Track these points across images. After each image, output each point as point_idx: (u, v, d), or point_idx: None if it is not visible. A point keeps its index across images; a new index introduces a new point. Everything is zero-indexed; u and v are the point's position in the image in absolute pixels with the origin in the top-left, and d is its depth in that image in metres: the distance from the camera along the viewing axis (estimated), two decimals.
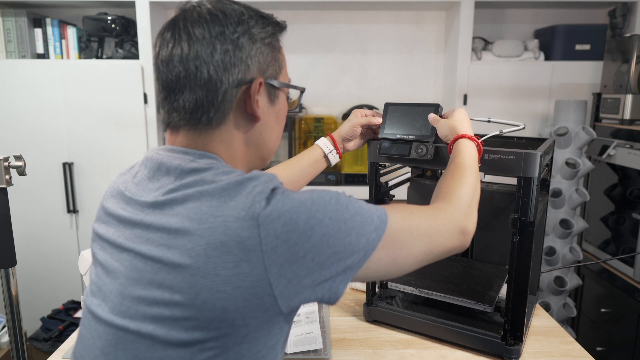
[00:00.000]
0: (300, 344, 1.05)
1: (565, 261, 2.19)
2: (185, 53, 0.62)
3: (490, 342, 1.01)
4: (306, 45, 2.64)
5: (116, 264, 0.63)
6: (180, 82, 0.63)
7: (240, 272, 0.55)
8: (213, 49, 0.62)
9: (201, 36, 0.62)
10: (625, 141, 2.01)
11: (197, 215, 0.57)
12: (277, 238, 0.55)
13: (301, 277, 0.57)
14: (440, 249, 0.72)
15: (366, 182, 1.12)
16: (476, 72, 2.38)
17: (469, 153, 0.87)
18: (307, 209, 0.58)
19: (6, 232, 1.12)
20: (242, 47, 0.63)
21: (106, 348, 0.60)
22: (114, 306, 0.61)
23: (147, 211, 0.62)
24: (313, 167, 1.10)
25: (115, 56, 2.37)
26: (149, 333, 0.57)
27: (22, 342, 1.19)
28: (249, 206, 0.56)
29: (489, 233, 1.24)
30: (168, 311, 0.56)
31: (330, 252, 0.58)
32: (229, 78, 0.63)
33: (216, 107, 0.64)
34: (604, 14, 2.57)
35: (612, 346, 2.05)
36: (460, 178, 0.81)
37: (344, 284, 0.61)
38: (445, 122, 0.95)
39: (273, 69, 0.69)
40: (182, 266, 0.56)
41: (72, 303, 2.36)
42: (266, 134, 0.71)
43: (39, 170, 2.33)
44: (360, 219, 0.61)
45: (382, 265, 0.65)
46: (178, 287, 0.56)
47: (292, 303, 0.59)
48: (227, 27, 0.63)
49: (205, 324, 0.56)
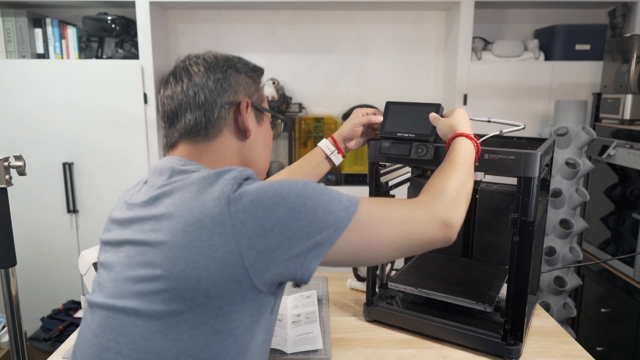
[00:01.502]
0: (300, 344, 1.05)
1: (565, 261, 2.19)
2: (186, 84, 0.76)
3: (490, 342, 1.01)
4: (306, 45, 2.64)
5: (114, 258, 0.69)
6: (182, 107, 0.76)
7: (213, 244, 0.61)
8: (207, 78, 0.76)
9: (198, 70, 0.77)
10: (625, 141, 2.01)
11: (180, 201, 0.65)
12: (246, 212, 0.61)
13: (270, 249, 0.61)
14: (418, 237, 0.72)
15: (366, 182, 1.12)
16: (476, 72, 2.38)
17: (463, 150, 0.88)
18: (274, 188, 0.64)
19: (6, 232, 1.12)
20: (230, 76, 0.78)
21: (97, 330, 0.66)
22: (107, 292, 0.67)
23: (142, 208, 0.69)
24: (316, 169, 1.11)
25: (115, 56, 2.37)
26: (133, 308, 0.63)
27: (22, 342, 1.19)
28: (222, 189, 0.63)
29: (489, 233, 1.24)
30: (151, 285, 0.62)
31: (297, 226, 0.62)
32: (221, 100, 0.76)
33: (212, 123, 0.76)
34: (604, 14, 2.57)
35: (612, 346, 2.05)
36: (448, 174, 0.82)
37: (316, 261, 0.64)
38: (445, 121, 0.96)
39: (257, 96, 0.83)
40: (163, 243, 0.63)
41: (72, 303, 2.36)
42: (255, 151, 0.82)
43: (39, 170, 2.33)
44: (327, 198, 0.66)
45: (355, 247, 0.67)
46: (159, 262, 0.62)
47: (265, 277, 0.62)
48: (217, 63, 0.78)
49: (182, 294, 0.61)
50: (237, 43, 2.64)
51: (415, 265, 1.26)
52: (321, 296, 1.32)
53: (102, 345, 0.64)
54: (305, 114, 2.67)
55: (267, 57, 2.65)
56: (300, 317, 1.16)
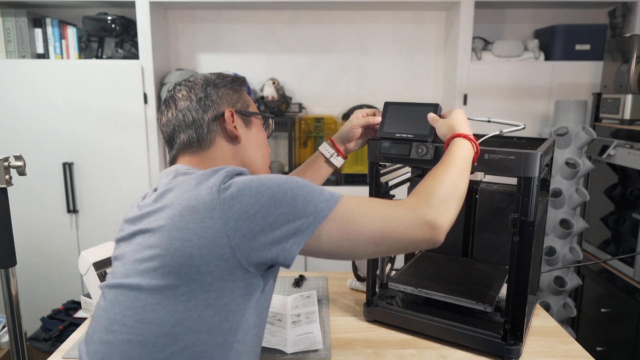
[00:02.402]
0: (300, 344, 1.05)
1: (565, 261, 2.19)
2: (175, 110, 0.87)
3: (490, 342, 1.01)
4: (306, 45, 2.64)
5: (126, 249, 0.76)
6: (176, 130, 0.87)
7: (205, 226, 0.68)
8: (190, 100, 0.86)
9: (182, 96, 0.87)
10: (625, 141, 2.01)
11: (179, 193, 0.73)
12: (233, 199, 0.69)
13: (254, 232, 0.69)
14: (399, 236, 0.74)
15: (366, 182, 1.12)
16: (476, 72, 2.38)
17: (459, 151, 0.88)
18: (259, 179, 0.71)
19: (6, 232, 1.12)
20: (210, 93, 0.87)
21: (107, 306, 0.74)
22: (118, 274, 0.75)
23: (151, 205, 0.77)
24: (318, 173, 1.13)
25: (115, 56, 2.37)
26: (137, 284, 0.70)
27: (22, 342, 1.19)
28: (215, 180, 0.72)
29: (489, 233, 1.24)
30: (152, 264, 0.70)
31: (279, 213, 0.69)
32: (207, 115, 0.86)
33: (203, 137, 0.85)
34: (604, 14, 2.57)
35: (612, 346, 2.05)
36: (439, 176, 0.82)
37: (297, 247, 0.71)
38: (444, 121, 0.96)
39: (240, 103, 0.91)
40: (163, 227, 0.71)
41: (72, 303, 2.35)
42: (251, 152, 0.90)
43: (39, 170, 2.33)
44: (308, 190, 0.72)
45: (334, 238, 0.72)
46: (158, 242, 0.70)
47: (250, 258, 0.69)
48: (196, 85, 0.88)
49: (177, 269, 0.68)
50: (237, 43, 2.64)
51: (415, 265, 1.26)
52: (321, 296, 1.32)
53: (110, 319, 0.72)
54: (305, 114, 2.68)
55: (267, 57, 2.65)
56: (300, 317, 1.16)
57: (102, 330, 0.72)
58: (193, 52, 2.65)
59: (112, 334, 0.70)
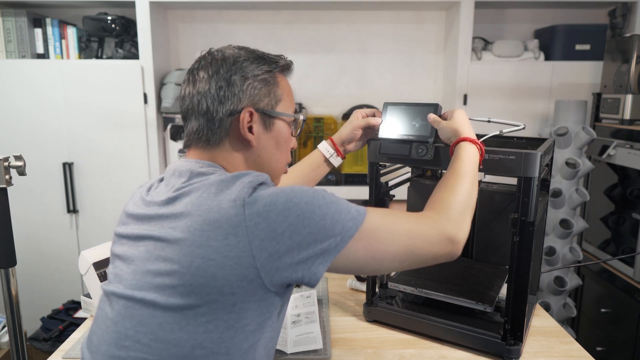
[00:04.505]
0: (300, 344, 1.05)
1: (565, 261, 2.19)
2: (192, 91, 0.78)
3: (490, 342, 1.01)
4: (306, 45, 2.64)
5: (133, 252, 0.73)
6: (189, 112, 0.79)
7: (229, 244, 0.64)
8: (210, 86, 0.77)
9: (202, 77, 0.78)
10: (625, 141, 2.00)
11: (198, 201, 0.68)
12: (259, 216, 0.65)
13: (281, 252, 0.65)
14: (423, 252, 0.74)
15: (366, 182, 1.12)
16: (476, 72, 2.38)
17: (468, 158, 0.87)
18: (286, 194, 0.67)
19: (6, 232, 1.12)
20: (234, 83, 0.77)
21: (116, 318, 0.70)
22: (127, 283, 0.71)
23: (162, 206, 0.73)
24: (315, 172, 1.12)
25: (115, 56, 2.37)
26: (152, 300, 0.67)
27: (22, 342, 1.19)
28: (239, 192, 0.67)
29: (489, 233, 1.24)
30: (169, 280, 0.66)
31: (306, 232, 0.66)
32: (222, 109, 0.77)
33: (213, 131, 0.78)
34: (604, 14, 2.57)
35: (612, 346, 2.05)
36: (454, 186, 0.82)
37: (323, 267, 0.68)
38: (446, 124, 0.95)
39: (268, 100, 0.80)
40: (181, 240, 0.66)
41: (72, 303, 2.36)
42: (264, 157, 0.82)
43: (39, 170, 2.33)
44: (335, 207, 0.69)
45: (360, 257, 0.70)
46: (177, 257, 0.66)
47: (274, 278, 0.66)
48: (222, 67, 0.77)
49: (198, 289, 0.65)
50: (237, 43, 2.61)
51: None
52: (321, 296, 1.32)
53: (121, 333, 0.68)
54: (305, 114, 2.68)
55: None
56: (300, 317, 1.16)
57: (111, 344, 0.69)
58: (193, 52, 2.65)
59: (124, 350, 0.67)
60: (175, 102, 2.33)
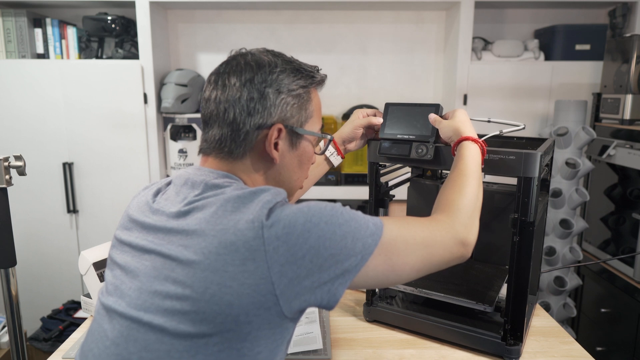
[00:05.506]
0: (300, 344, 1.05)
1: (565, 261, 2.19)
2: (219, 96, 0.73)
3: (490, 342, 1.01)
4: (306, 45, 2.64)
5: (137, 265, 0.68)
6: (212, 118, 0.74)
7: (246, 270, 0.60)
8: (240, 95, 0.72)
9: (233, 83, 0.72)
10: (625, 141, 2.00)
11: (212, 219, 0.64)
12: (278, 239, 0.61)
13: (301, 277, 0.62)
14: (438, 259, 0.73)
15: (366, 182, 1.12)
16: (476, 72, 2.38)
17: (472, 157, 0.87)
18: (304, 214, 0.64)
19: (6, 232, 1.12)
20: (267, 96, 0.72)
21: (117, 339, 0.65)
22: (131, 301, 0.66)
23: (172, 219, 0.68)
24: (315, 170, 1.12)
25: (115, 56, 2.37)
26: (160, 325, 0.62)
27: (22, 342, 1.19)
28: (257, 212, 0.63)
29: (489, 233, 1.24)
30: (179, 304, 0.61)
31: (328, 254, 0.63)
32: (250, 121, 0.72)
33: (237, 143, 0.73)
34: (604, 14, 2.57)
35: (612, 346, 2.05)
36: (461, 187, 0.81)
37: (343, 288, 0.65)
38: (448, 123, 0.95)
39: (298, 117, 0.76)
40: (195, 262, 0.62)
41: (72, 303, 2.36)
42: (285, 175, 0.78)
43: (39, 170, 2.33)
44: (355, 224, 0.66)
45: (380, 272, 0.68)
46: (189, 282, 0.61)
47: (293, 305, 0.63)
48: (257, 75, 0.72)
49: (212, 318, 0.60)
50: (237, 43, 2.64)
51: None
52: None
53: (124, 357, 0.64)
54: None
55: None
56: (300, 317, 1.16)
57: None
58: (193, 52, 2.65)
59: None
60: (175, 102, 2.33)
